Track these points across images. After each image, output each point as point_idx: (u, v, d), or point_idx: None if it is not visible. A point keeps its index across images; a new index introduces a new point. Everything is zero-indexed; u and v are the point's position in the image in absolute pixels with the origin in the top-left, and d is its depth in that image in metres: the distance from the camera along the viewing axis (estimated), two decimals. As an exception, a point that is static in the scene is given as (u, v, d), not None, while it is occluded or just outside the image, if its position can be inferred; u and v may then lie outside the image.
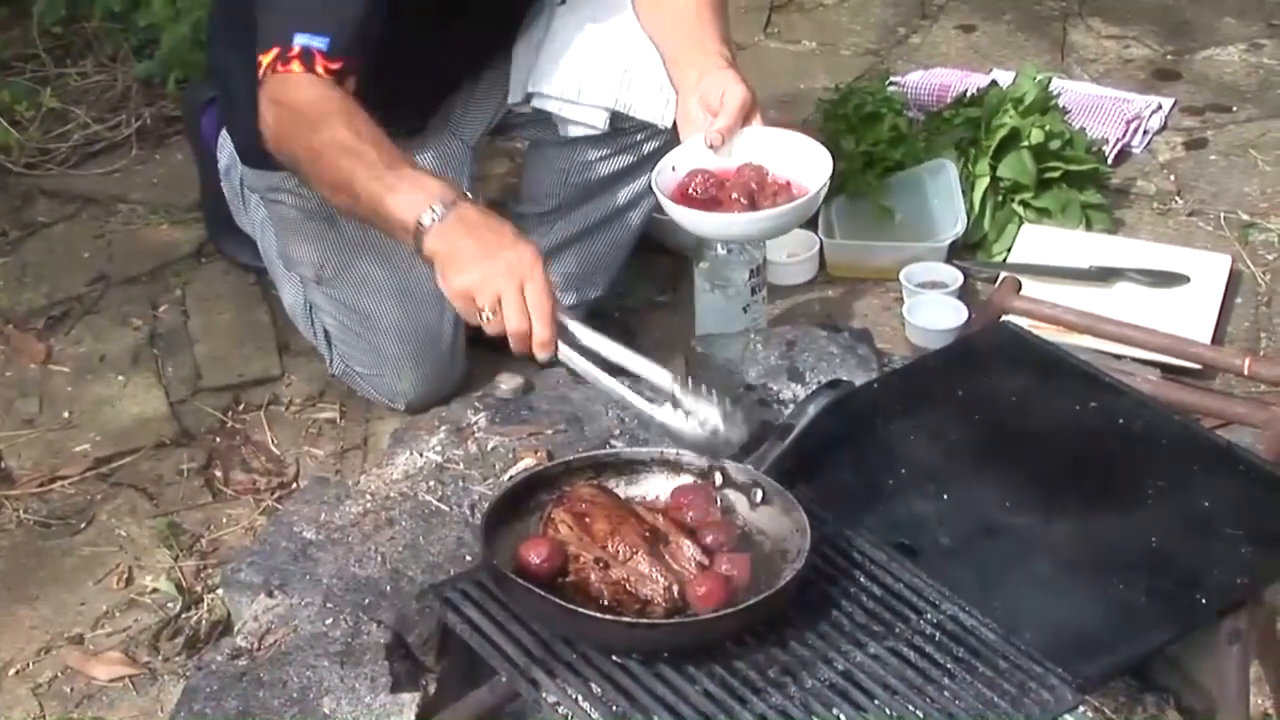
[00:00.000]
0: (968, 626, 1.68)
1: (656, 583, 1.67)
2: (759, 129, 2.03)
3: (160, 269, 2.81)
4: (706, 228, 2.01)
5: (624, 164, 2.40)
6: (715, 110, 2.00)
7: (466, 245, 1.74)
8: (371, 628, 1.80)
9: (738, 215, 1.99)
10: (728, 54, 2.04)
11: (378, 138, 1.83)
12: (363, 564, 1.90)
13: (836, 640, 1.67)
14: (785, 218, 2.01)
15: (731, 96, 1.99)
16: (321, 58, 1.89)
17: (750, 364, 2.28)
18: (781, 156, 2.03)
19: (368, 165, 1.80)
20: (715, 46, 2.04)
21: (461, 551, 1.91)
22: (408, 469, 2.06)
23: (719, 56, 2.03)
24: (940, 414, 2.00)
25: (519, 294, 1.72)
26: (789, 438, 1.85)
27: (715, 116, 2.00)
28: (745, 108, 2.01)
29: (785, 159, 2.03)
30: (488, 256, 1.72)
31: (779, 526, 1.77)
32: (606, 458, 1.85)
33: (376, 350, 2.39)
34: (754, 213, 1.98)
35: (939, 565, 1.75)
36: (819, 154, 2.02)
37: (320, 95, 1.88)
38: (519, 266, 1.72)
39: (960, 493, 1.85)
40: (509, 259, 1.72)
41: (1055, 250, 2.71)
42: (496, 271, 1.71)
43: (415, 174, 1.80)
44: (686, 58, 2.05)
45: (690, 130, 2.03)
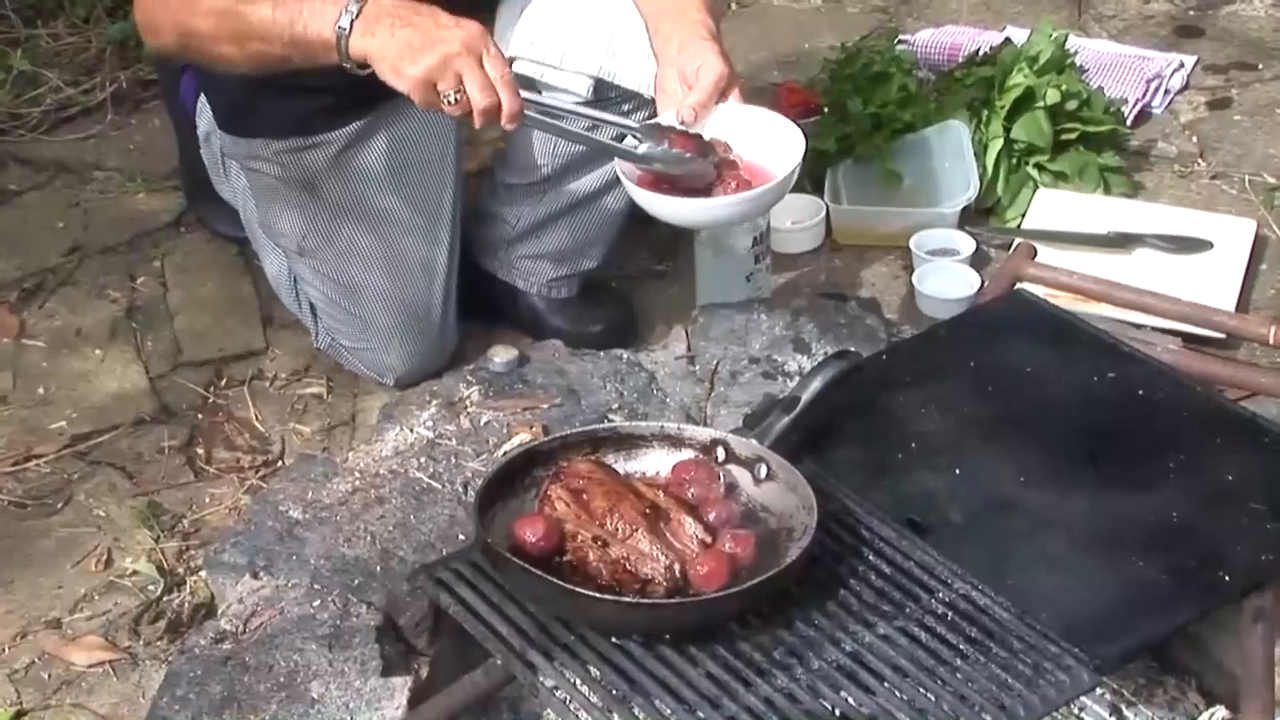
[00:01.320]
0: (980, 606, 1.68)
1: (657, 561, 1.68)
2: (734, 106, 2.00)
3: (138, 239, 2.81)
4: (663, 212, 1.98)
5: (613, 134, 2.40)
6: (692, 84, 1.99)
7: (404, 35, 1.75)
8: (361, 610, 1.81)
9: (693, 201, 1.95)
10: (711, 25, 2.03)
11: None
12: (351, 544, 1.90)
13: (844, 621, 1.67)
14: (745, 205, 1.96)
15: (707, 71, 1.98)
16: None
17: (754, 335, 2.28)
18: (753, 136, 2.01)
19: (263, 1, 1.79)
20: (698, 16, 2.03)
21: (454, 530, 1.92)
22: (397, 445, 2.06)
23: (701, 26, 2.01)
24: (952, 386, 2.00)
25: (479, 68, 1.75)
26: (794, 411, 1.85)
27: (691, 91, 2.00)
28: (721, 83, 1.99)
29: (757, 139, 2.01)
30: (437, 40, 1.74)
31: (784, 503, 1.78)
32: (604, 432, 1.86)
33: (364, 322, 2.39)
34: (712, 199, 1.94)
35: (950, 543, 1.75)
36: (792, 136, 2.00)
37: None
38: (472, 41, 1.76)
39: (972, 467, 1.86)
40: (458, 36, 1.75)
41: (1072, 215, 2.71)
42: (452, 51, 1.74)
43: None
44: (668, 27, 2.04)
45: (667, 104, 2.02)
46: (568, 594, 1.63)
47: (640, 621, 1.64)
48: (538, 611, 1.68)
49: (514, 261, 2.51)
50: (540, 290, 2.52)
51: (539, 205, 2.48)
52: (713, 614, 1.64)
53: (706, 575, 1.67)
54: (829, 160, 2.81)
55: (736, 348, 2.26)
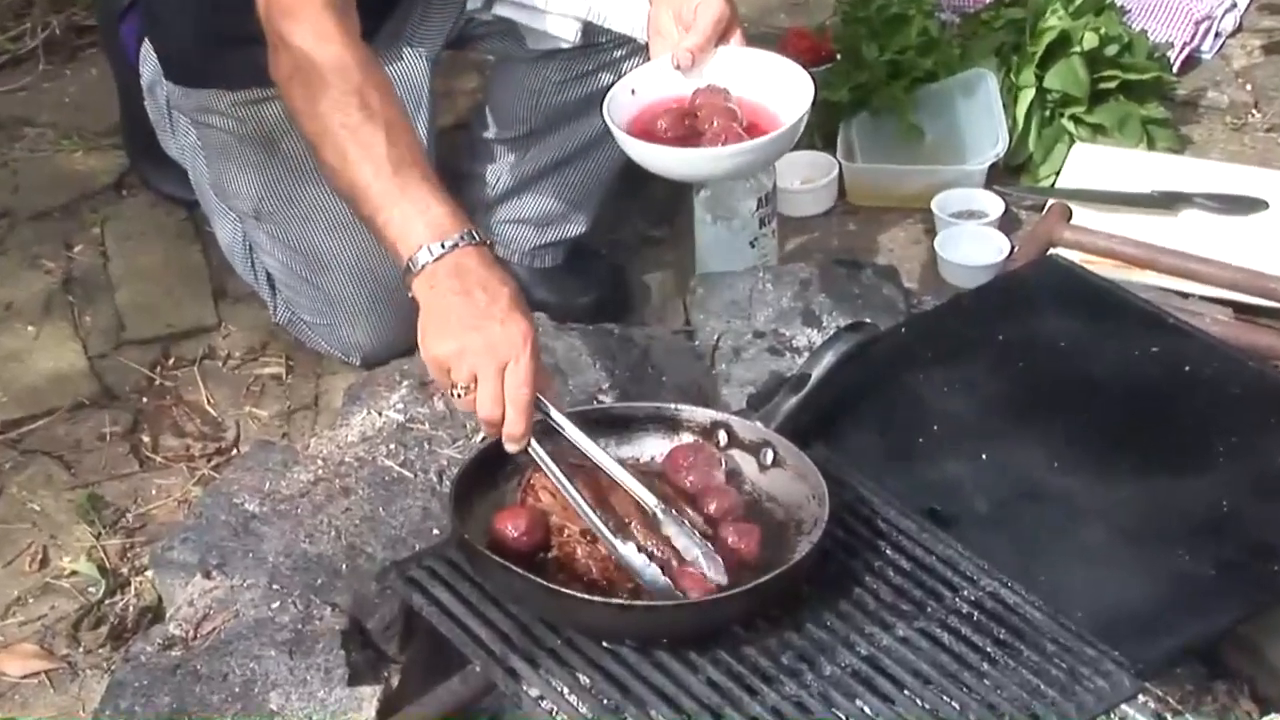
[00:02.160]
0: (1010, 604, 1.69)
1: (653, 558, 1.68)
2: (735, 50, 2.00)
3: (75, 203, 2.80)
4: (656, 163, 1.98)
5: (604, 83, 2.39)
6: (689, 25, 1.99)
7: (454, 304, 1.71)
8: (325, 612, 1.81)
9: (690, 151, 1.94)
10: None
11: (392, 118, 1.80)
12: (314, 539, 1.90)
13: (859, 622, 1.68)
14: (749, 155, 1.95)
15: (706, 10, 1.97)
16: None
17: (759, 306, 2.28)
18: (756, 82, 2.00)
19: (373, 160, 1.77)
20: None
21: (428, 524, 1.92)
22: (365, 430, 2.07)
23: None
24: (978, 362, 2.00)
25: (498, 378, 1.69)
26: (804, 390, 1.85)
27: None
28: (721, 24, 1.99)
29: (761, 85, 2.00)
30: (473, 327, 1.70)
31: (792, 492, 1.78)
32: (594, 414, 1.86)
33: (327, 295, 2.39)
34: (711, 149, 1.94)
35: (976, 535, 1.76)
36: (800, 80, 1.99)
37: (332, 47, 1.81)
38: (505, 346, 1.68)
39: (1001, 452, 1.86)
40: (495, 335, 1.69)
41: (1111, 173, 2.71)
42: (478, 348, 1.69)
43: (421, 190, 1.76)
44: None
45: (662, 47, 2.01)
46: (553, 594, 1.63)
47: (634, 624, 1.64)
48: (520, 613, 1.68)
49: (493, 226, 2.50)
50: (522, 259, 2.52)
51: (521, 164, 2.47)
52: (714, 616, 1.65)
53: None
54: (842, 113, 2.81)
55: (739, 321, 2.26)
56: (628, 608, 1.63)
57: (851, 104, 2.81)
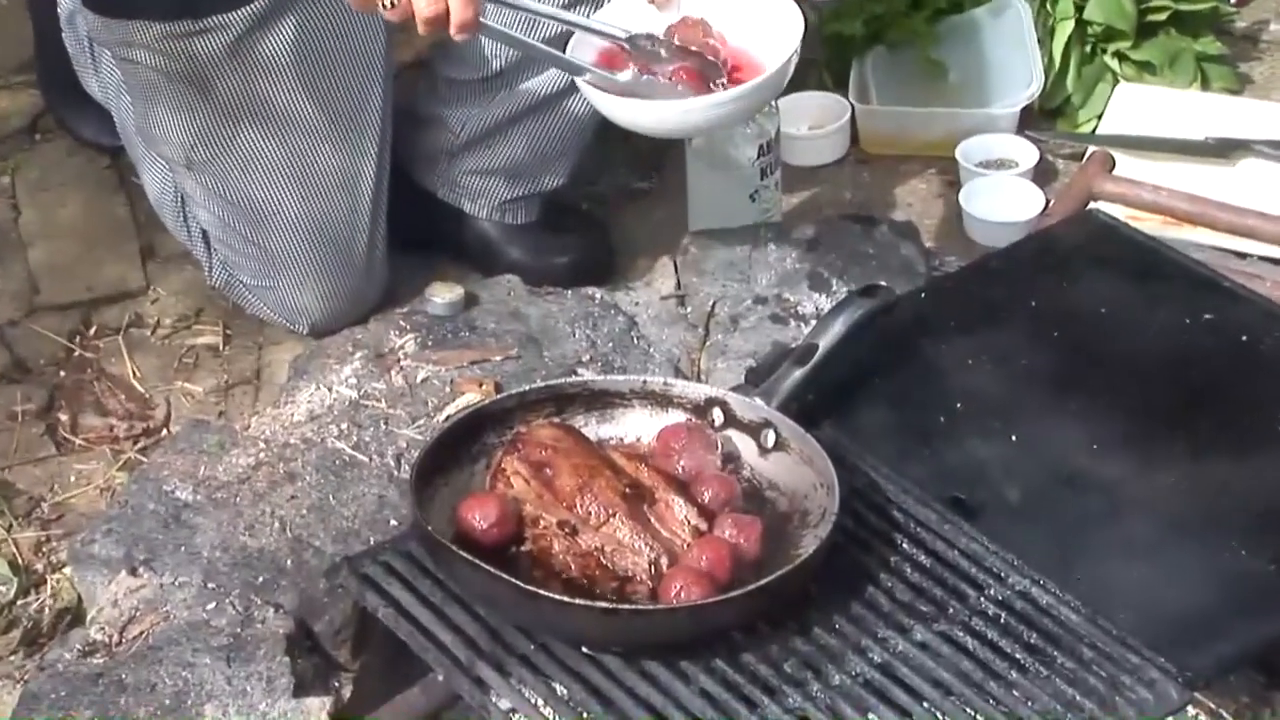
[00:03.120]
0: (1043, 605, 1.70)
1: (640, 554, 1.69)
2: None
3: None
4: (622, 117, 1.97)
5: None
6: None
7: None
8: (267, 614, 1.82)
9: (658, 104, 1.94)
10: None
11: None
12: (254, 532, 1.91)
13: (873, 625, 1.68)
14: (728, 107, 1.95)
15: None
16: None
17: (760, 268, 2.28)
18: (739, 19, 2.00)
19: None
20: None
21: (384, 514, 1.92)
22: (313, 408, 2.07)
23: None
24: (1008, 331, 2.00)
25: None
26: (810, 363, 1.85)
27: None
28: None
29: (743, 22, 1.99)
30: None
31: (798, 479, 1.78)
32: (573, 389, 1.86)
33: (269, 254, 2.39)
34: (683, 100, 1.93)
35: (1005, 527, 1.76)
36: (788, 14, 1.99)
37: None
38: None
39: (1033, 433, 1.86)
40: None
41: (1160, 116, 2.71)
42: None
43: None
44: None
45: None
46: (527, 595, 1.63)
47: (619, 630, 1.64)
48: (490, 615, 1.68)
49: (459, 178, 2.50)
50: (492, 214, 2.52)
51: (489, 107, 2.47)
52: (709, 620, 1.65)
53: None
54: (854, 48, 2.80)
55: (738, 285, 2.25)
56: (612, 611, 1.64)
57: (866, 38, 2.80)
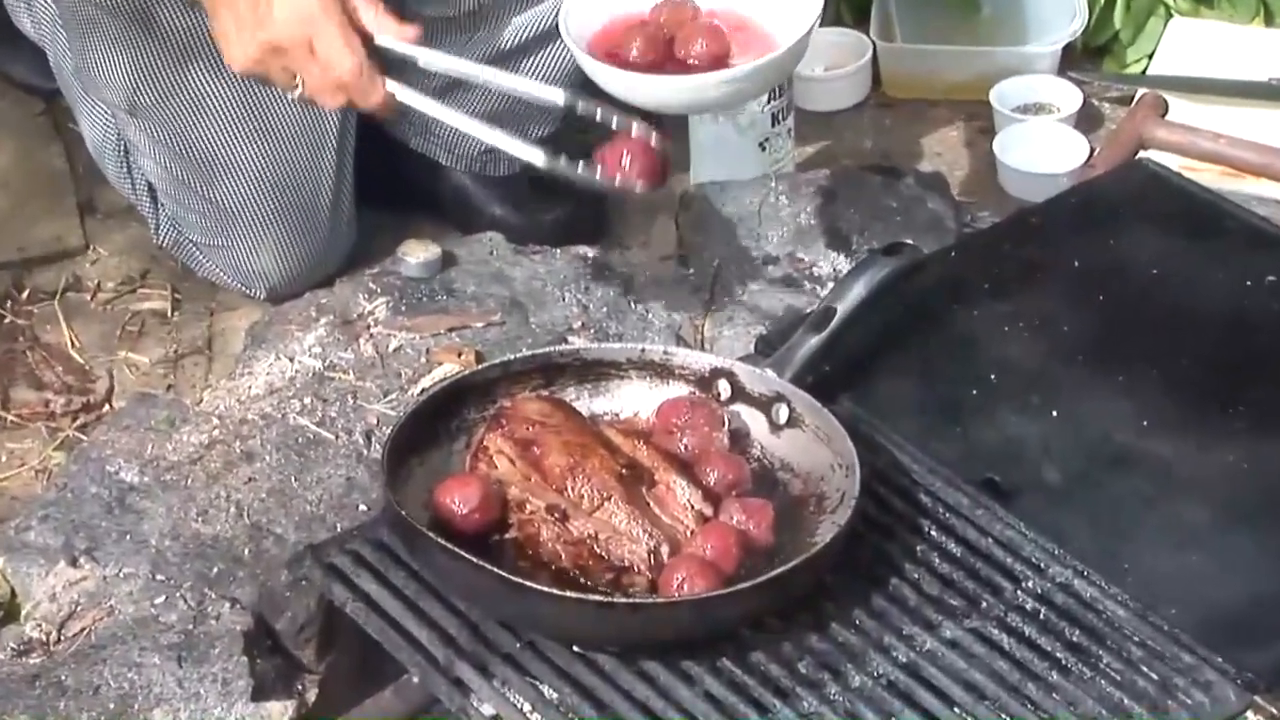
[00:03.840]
0: (1086, 599, 1.70)
1: (637, 542, 1.69)
2: None
3: (-100, 93, 2.80)
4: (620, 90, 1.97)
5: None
6: None
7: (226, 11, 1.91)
8: (222, 609, 1.82)
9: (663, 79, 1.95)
10: None
11: None
12: (208, 518, 1.91)
13: (897, 621, 1.69)
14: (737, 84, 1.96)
15: None
16: None
17: (771, 225, 2.28)
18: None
19: None
20: None
21: (353, 498, 1.93)
22: (272, 381, 2.07)
23: None
24: (1047, 294, 2.01)
25: (313, 60, 1.88)
26: (827, 330, 1.85)
27: None
28: None
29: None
30: (256, 24, 1.88)
31: (813, 459, 1.79)
32: (563, 358, 1.86)
33: (222, 209, 2.39)
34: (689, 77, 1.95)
35: (1044, 512, 1.76)
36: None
37: None
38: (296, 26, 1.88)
39: (1076, 407, 1.87)
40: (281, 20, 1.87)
41: (1218, 55, 2.71)
42: (273, 43, 1.89)
43: None
44: None
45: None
46: (512, 587, 1.63)
47: (614, 626, 1.65)
48: (470, 610, 1.68)
49: (434, 126, 2.50)
50: (472, 165, 2.52)
51: (468, 46, 2.46)
52: (715, 615, 1.65)
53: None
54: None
55: (746, 243, 2.25)
56: (607, 605, 1.64)
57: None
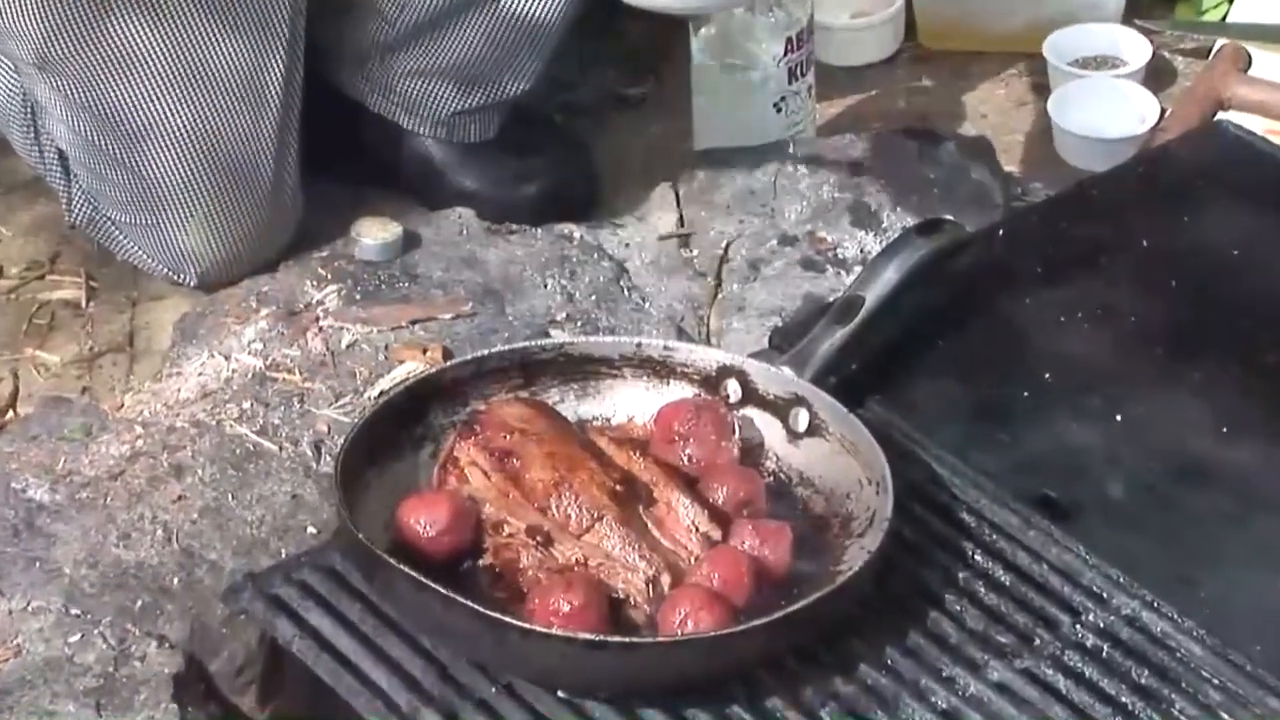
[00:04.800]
0: (1156, 634, 1.70)
1: (634, 570, 1.69)
2: None
3: None
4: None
5: None
6: None
7: None
8: (148, 648, 1.82)
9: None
10: None
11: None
12: (131, 542, 1.91)
13: (936, 661, 1.69)
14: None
15: None
16: None
17: (788, 199, 2.28)
18: None
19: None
20: None
21: (300, 518, 1.93)
22: (205, 382, 2.07)
23: None
24: (1111, 279, 2.01)
25: None
26: (854, 321, 1.86)
27: None
28: None
29: None
30: None
31: (838, 473, 1.79)
32: (545, 355, 1.87)
33: (148, 182, 2.38)
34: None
35: (1108, 533, 1.76)
36: None
37: None
38: None
39: (1144, 411, 1.87)
40: None
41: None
42: None
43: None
44: None
45: None
46: (488, 622, 1.63)
47: (606, 668, 1.64)
48: (438, 649, 1.68)
49: (395, 81, 2.50)
50: (437, 129, 2.52)
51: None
52: (725, 656, 1.65)
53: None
54: (910, -89, 2.81)
55: (759, 220, 2.26)
56: (598, 644, 1.63)
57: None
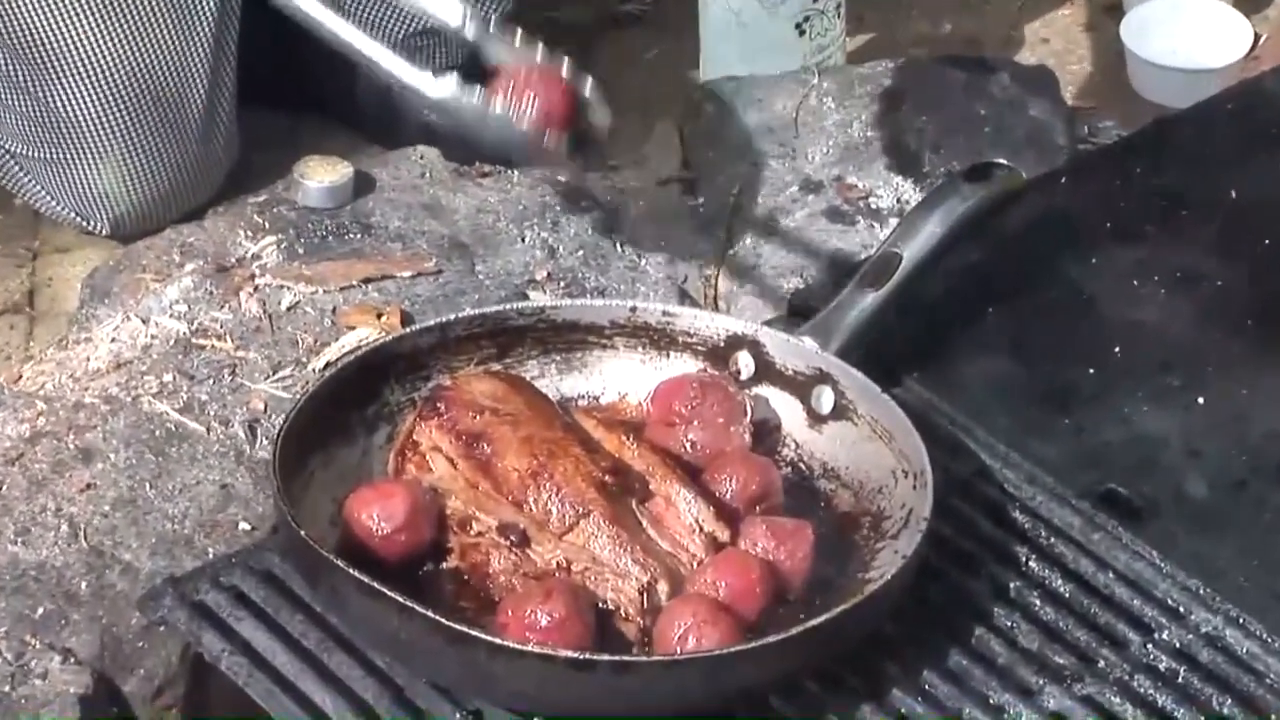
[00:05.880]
0: (1241, 655, 1.71)
1: (625, 576, 1.70)
2: None
3: None
4: None
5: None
6: None
7: None
8: (50, 664, 1.82)
9: None
10: None
11: None
12: (31, 539, 1.91)
13: (982, 685, 1.69)
14: None
15: None
16: None
17: (811, 138, 2.28)
18: None
19: None
20: None
21: (230, 512, 1.93)
22: (119, 351, 2.08)
23: None
24: (1192, 237, 2.01)
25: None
26: (889, 285, 1.86)
27: None
28: None
29: None
30: None
31: (869, 463, 1.80)
32: (522, 320, 1.88)
33: (54, 111, 2.39)
34: None
35: (1187, 537, 1.78)
36: None
37: None
38: None
39: (1230, 394, 1.88)
40: None
41: None
42: None
43: None
44: None
45: None
46: (452, 636, 1.63)
47: (592, 691, 1.65)
48: (393, 668, 1.69)
49: (344, 1, 2.51)
50: (398, 53, 2.52)
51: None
52: (733, 679, 1.65)
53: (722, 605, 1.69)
54: None
55: (776, 163, 2.26)
56: (583, 664, 1.64)
57: None
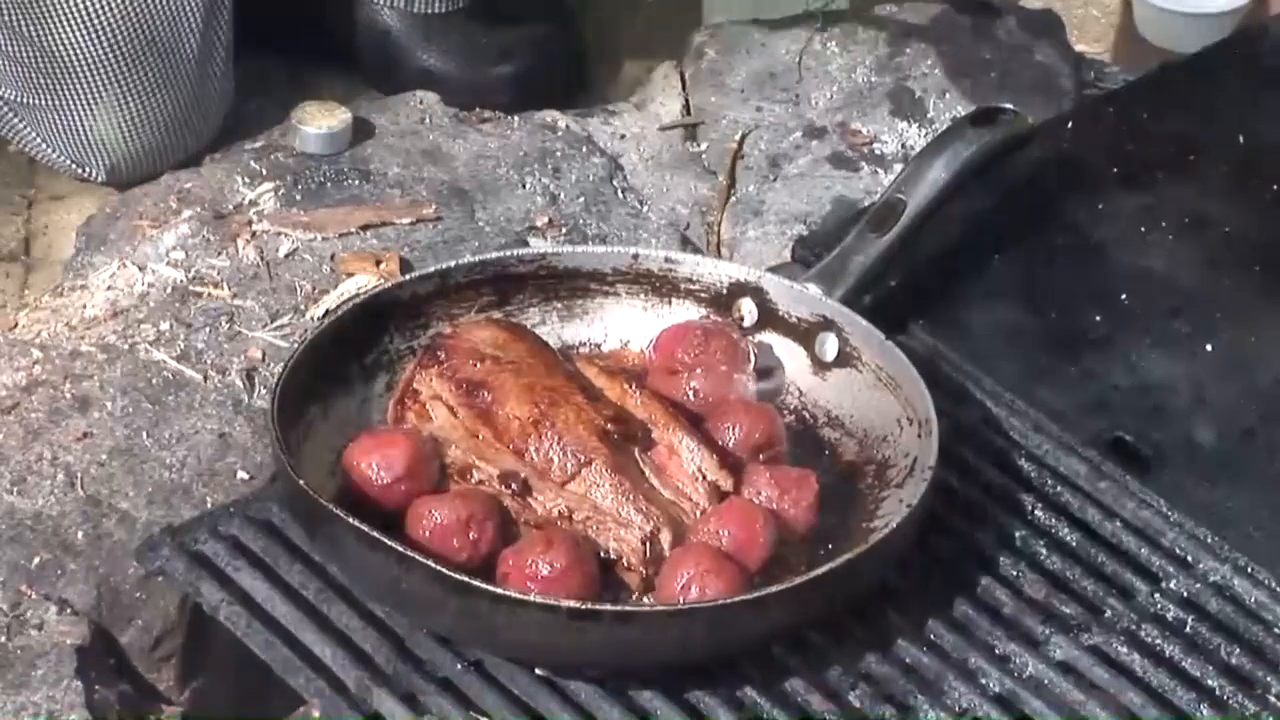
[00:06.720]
0: (1250, 605, 1.71)
1: (628, 525, 1.70)
2: None
3: None
4: None
5: None
6: None
7: None
8: (46, 615, 1.82)
9: None
10: None
11: None
12: (27, 488, 1.91)
13: (988, 636, 1.69)
14: None
15: None
16: None
17: (815, 83, 2.28)
18: None
19: None
20: None
21: (228, 461, 1.93)
22: (116, 298, 2.08)
23: None
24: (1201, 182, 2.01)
25: None
26: (893, 230, 1.86)
27: None
28: None
29: None
30: None
31: (874, 412, 1.80)
32: (523, 267, 1.87)
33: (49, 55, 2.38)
34: None
35: (1195, 485, 1.77)
36: None
37: None
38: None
39: (1239, 340, 1.88)
40: None
41: None
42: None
43: None
44: None
45: None
46: (452, 586, 1.63)
47: (594, 642, 1.64)
48: (392, 617, 1.69)
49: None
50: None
51: None
52: (736, 629, 1.65)
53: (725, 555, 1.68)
54: None
55: (780, 107, 2.26)
56: (585, 613, 1.63)
57: None
